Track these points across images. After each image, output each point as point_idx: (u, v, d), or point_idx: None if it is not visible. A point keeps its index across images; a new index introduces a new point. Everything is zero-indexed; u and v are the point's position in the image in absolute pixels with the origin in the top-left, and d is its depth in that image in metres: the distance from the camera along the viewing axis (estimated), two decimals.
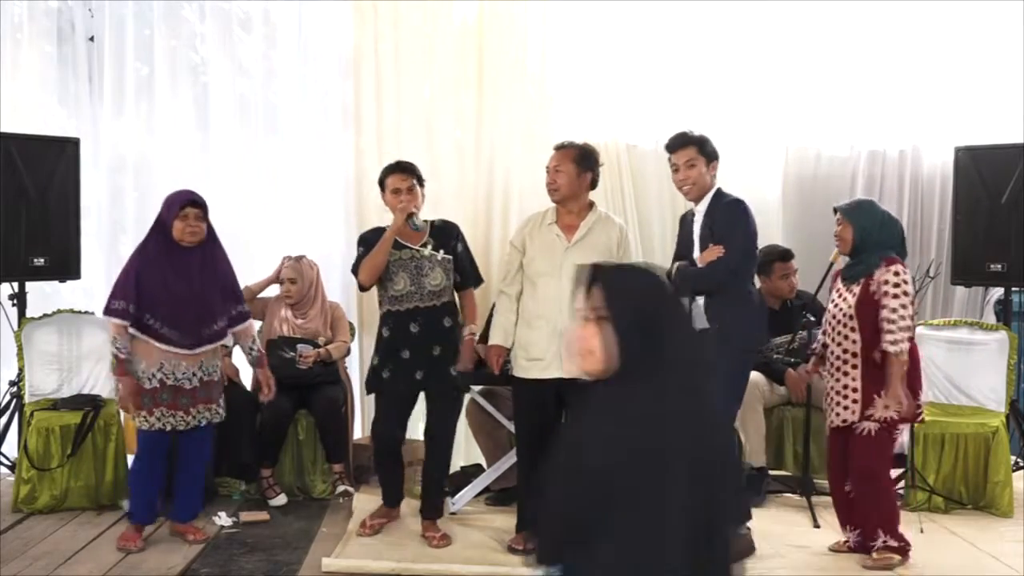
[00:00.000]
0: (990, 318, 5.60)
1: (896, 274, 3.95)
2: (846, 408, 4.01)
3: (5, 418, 5.11)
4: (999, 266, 5.21)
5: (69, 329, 5.10)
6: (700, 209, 4.21)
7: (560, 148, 4.26)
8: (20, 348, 5.04)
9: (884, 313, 3.91)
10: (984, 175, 5.28)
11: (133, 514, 4.28)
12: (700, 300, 4.12)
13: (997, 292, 5.61)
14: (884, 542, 4.01)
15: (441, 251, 4.30)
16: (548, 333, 4.14)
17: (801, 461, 4.89)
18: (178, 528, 4.35)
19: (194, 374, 4.15)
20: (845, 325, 4.03)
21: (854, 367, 4.00)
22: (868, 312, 3.96)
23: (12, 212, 5.00)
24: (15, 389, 5.10)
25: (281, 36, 5.83)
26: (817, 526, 4.56)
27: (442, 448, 4.38)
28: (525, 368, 4.21)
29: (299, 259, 5.22)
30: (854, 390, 4.00)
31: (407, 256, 4.27)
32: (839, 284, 4.18)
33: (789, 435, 5.13)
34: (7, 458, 5.14)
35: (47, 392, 5.05)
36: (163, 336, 4.07)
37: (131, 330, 4.05)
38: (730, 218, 4.14)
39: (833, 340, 4.10)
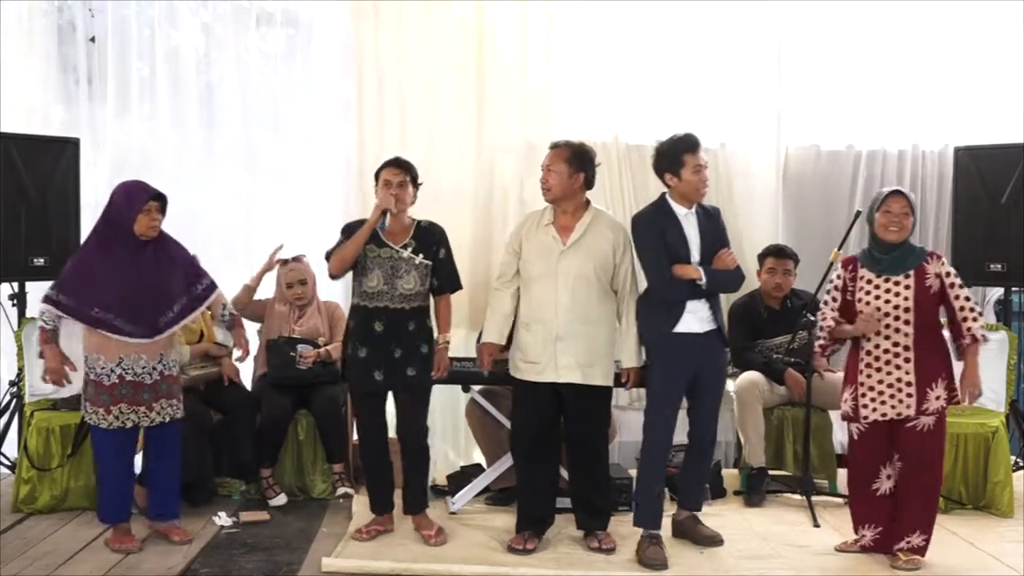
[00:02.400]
0: (990, 318, 5.61)
1: (951, 267, 4.05)
2: (900, 402, 3.97)
3: (5, 418, 5.12)
4: (999, 266, 5.23)
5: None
6: (693, 212, 4.16)
7: (554, 147, 4.26)
8: (20, 348, 5.04)
9: (960, 303, 3.98)
10: (984, 175, 5.29)
11: (106, 515, 4.22)
12: (701, 302, 4.09)
13: (997, 292, 5.62)
14: (908, 542, 4.00)
15: (420, 255, 4.27)
16: (543, 337, 4.15)
17: (801, 461, 4.89)
18: (160, 529, 4.31)
19: (154, 368, 4.12)
20: (897, 319, 3.97)
21: (907, 360, 3.96)
22: (925, 304, 3.96)
23: (12, 212, 5.01)
24: (15, 389, 5.10)
25: (282, 34, 5.84)
26: (817, 526, 4.56)
27: (414, 443, 4.36)
28: (521, 370, 4.23)
29: (300, 258, 5.21)
30: (908, 384, 3.95)
31: (385, 255, 4.26)
32: (866, 275, 4.06)
33: (789, 435, 5.13)
34: (7, 458, 5.14)
35: (47, 392, 5.04)
36: (117, 328, 4.04)
37: (80, 326, 4.08)
38: (724, 225, 4.26)
39: (878, 334, 4.01)
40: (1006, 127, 5.57)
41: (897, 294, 3.98)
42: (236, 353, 4.54)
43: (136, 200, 4.07)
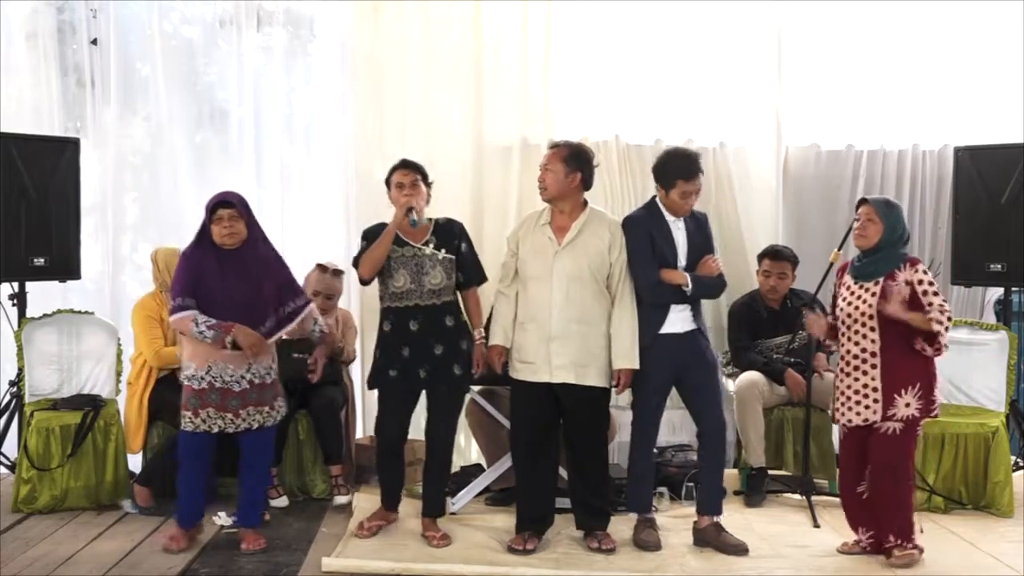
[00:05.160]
0: (990, 318, 5.61)
1: (925, 273, 3.97)
2: (867, 408, 3.98)
3: (5, 418, 5.11)
4: (999, 266, 5.23)
5: (69, 329, 5.10)
6: (681, 219, 4.27)
7: (552, 147, 4.29)
8: (20, 348, 5.04)
9: (934, 313, 3.86)
10: (984, 175, 5.29)
11: (179, 518, 4.26)
12: (684, 307, 4.22)
13: (997, 292, 5.62)
14: (893, 542, 4.01)
15: (443, 250, 4.29)
16: (537, 338, 4.16)
17: (801, 461, 4.89)
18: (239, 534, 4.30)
19: (243, 376, 4.12)
20: (864, 324, 3.99)
21: (873, 367, 3.97)
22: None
23: (12, 212, 5.00)
24: (15, 389, 5.10)
25: (282, 34, 5.84)
26: (817, 526, 4.56)
27: (444, 447, 4.38)
28: (518, 369, 4.25)
29: (339, 273, 5.13)
30: (874, 390, 3.97)
31: (409, 254, 4.27)
32: (847, 281, 4.13)
33: (789, 435, 5.13)
34: (7, 458, 5.13)
35: (47, 392, 5.06)
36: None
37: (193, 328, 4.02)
38: (710, 231, 4.40)
39: (849, 339, 4.06)
40: (1006, 127, 5.56)
41: (864, 300, 4.01)
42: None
43: (207, 209, 4.11)
